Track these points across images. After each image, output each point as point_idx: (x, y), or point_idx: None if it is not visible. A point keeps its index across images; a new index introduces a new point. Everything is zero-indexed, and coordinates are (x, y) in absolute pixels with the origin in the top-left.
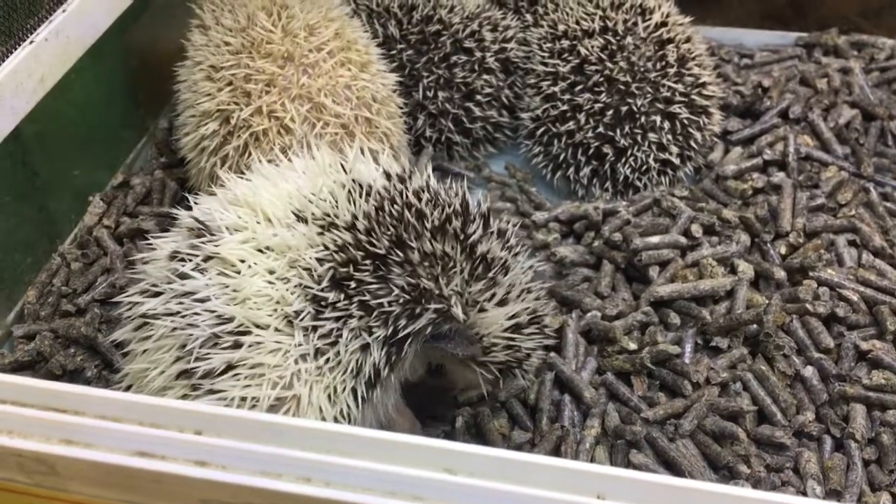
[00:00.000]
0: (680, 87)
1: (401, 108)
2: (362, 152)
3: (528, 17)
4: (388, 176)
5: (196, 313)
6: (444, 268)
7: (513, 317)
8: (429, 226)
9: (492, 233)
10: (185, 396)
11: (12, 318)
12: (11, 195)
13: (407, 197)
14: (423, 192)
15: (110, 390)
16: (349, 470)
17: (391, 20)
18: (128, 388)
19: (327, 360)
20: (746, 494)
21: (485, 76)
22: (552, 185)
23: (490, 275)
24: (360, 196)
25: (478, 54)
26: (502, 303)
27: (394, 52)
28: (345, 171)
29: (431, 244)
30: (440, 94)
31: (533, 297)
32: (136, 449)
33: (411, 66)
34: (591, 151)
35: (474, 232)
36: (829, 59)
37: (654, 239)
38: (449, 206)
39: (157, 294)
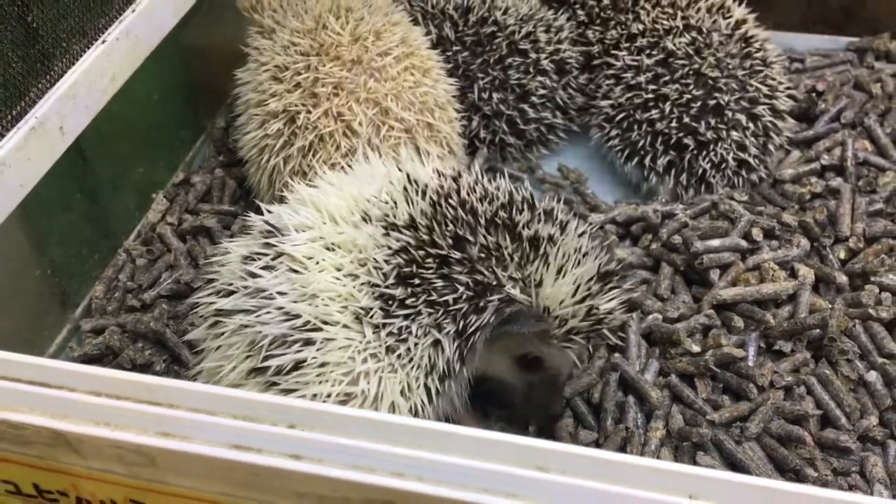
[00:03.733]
0: (765, 88)
1: (458, 112)
2: (418, 153)
3: (581, 14)
4: (440, 174)
5: (266, 311)
6: (499, 259)
7: (576, 283)
8: (482, 221)
9: (538, 214)
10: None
11: (80, 313)
12: (78, 192)
13: (460, 195)
14: (475, 188)
15: (202, 384)
16: (442, 466)
17: (446, 22)
18: None
19: (399, 357)
20: (839, 497)
21: (539, 77)
22: (609, 182)
23: (540, 252)
24: (417, 195)
25: (532, 56)
26: (560, 274)
27: (449, 53)
28: (400, 171)
29: (486, 238)
30: (495, 95)
31: (593, 258)
32: (231, 442)
33: (466, 67)
34: (672, 141)
35: (520, 218)
36: (882, 64)
37: (715, 242)
38: (496, 199)
39: (230, 293)
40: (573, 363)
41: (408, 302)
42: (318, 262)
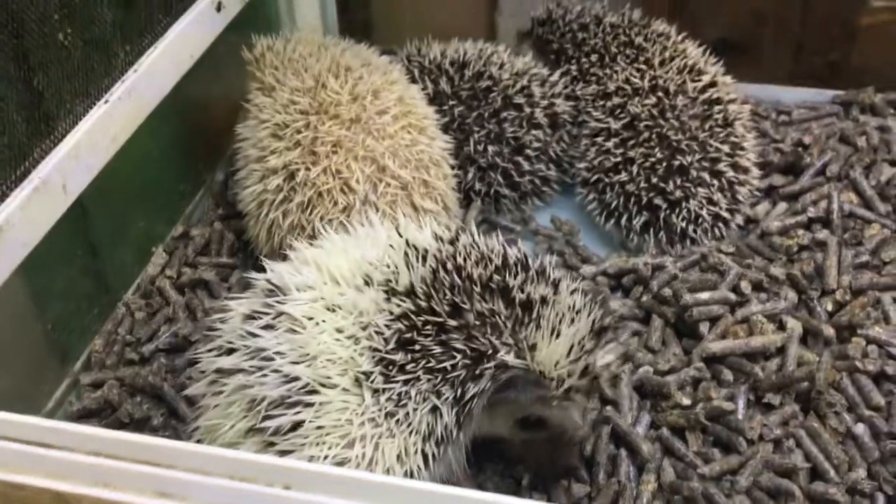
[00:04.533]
0: (726, 147)
1: (452, 168)
2: (416, 212)
3: (573, 69)
4: (438, 239)
5: (265, 374)
6: (494, 325)
7: (570, 342)
8: (477, 287)
9: (531, 277)
10: (257, 452)
11: (80, 367)
12: (78, 248)
13: (456, 260)
14: (470, 252)
15: (200, 444)
16: None
17: (443, 77)
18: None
19: (398, 422)
20: None
21: (533, 131)
22: (601, 234)
23: (533, 315)
24: (417, 261)
25: (527, 110)
26: (554, 335)
27: (445, 107)
28: (400, 235)
29: (481, 304)
30: (490, 148)
31: (585, 316)
32: (228, 502)
33: (462, 120)
34: (643, 202)
35: (514, 282)
36: (867, 118)
37: (704, 295)
38: (491, 263)
39: (231, 351)
40: (576, 420)
41: (408, 367)
42: (317, 323)
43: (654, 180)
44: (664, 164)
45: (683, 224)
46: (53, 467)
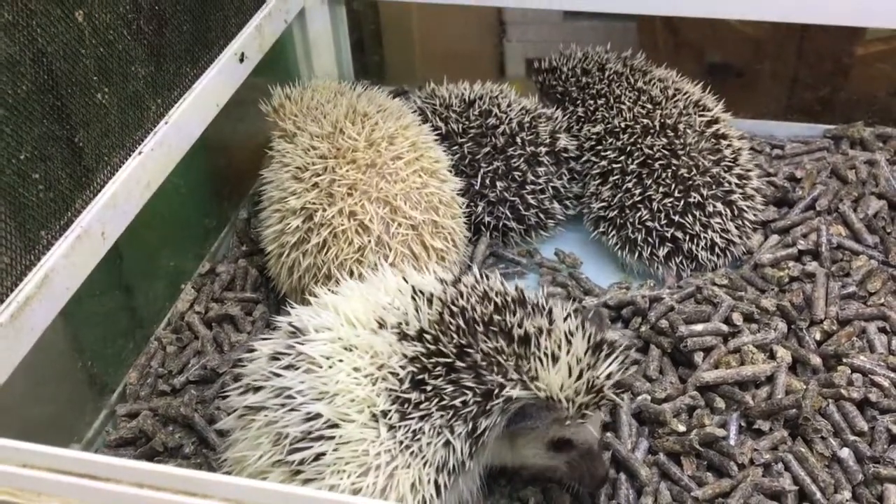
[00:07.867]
0: (735, 179)
1: (461, 208)
2: (427, 251)
3: (580, 111)
4: (443, 282)
5: (289, 410)
6: (499, 364)
7: (569, 364)
8: (480, 328)
9: (529, 312)
10: (283, 481)
11: (115, 398)
12: (113, 286)
13: (460, 302)
14: (472, 292)
15: (237, 478)
16: None
17: (452, 116)
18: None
19: (413, 454)
20: None
21: (538, 167)
22: (603, 266)
23: (532, 348)
24: (424, 304)
25: (530, 148)
26: (554, 361)
27: (455, 146)
28: (406, 281)
29: (486, 344)
30: (498, 183)
31: (580, 338)
32: None
33: (472, 157)
34: (666, 236)
35: (513, 320)
36: (856, 152)
37: (699, 327)
38: (491, 302)
39: (258, 389)
40: (595, 433)
41: (422, 405)
42: (333, 364)
43: (674, 217)
44: (682, 201)
45: (700, 251)
46: (101, 498)
